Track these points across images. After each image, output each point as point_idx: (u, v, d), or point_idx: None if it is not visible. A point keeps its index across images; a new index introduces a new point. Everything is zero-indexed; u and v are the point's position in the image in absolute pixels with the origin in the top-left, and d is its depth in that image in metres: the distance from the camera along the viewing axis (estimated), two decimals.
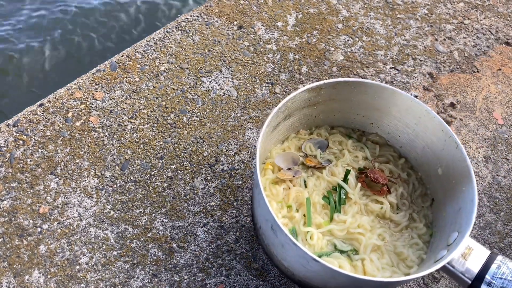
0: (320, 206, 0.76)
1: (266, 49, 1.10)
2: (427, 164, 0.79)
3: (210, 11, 1.15)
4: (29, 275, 0.80)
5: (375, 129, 0.84)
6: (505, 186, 0.95)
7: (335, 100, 0.79)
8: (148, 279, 0.81)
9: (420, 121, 0.76)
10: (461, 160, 0.70)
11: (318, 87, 0.74)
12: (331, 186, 0.78)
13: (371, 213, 0.76)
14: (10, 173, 0.90)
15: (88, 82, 1.02)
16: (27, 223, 0.85)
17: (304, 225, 0.73)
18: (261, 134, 0.68)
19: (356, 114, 0.82)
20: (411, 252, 0.73)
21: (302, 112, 0.79)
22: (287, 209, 0.75)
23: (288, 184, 0.77)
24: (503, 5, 1.24)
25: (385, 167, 0.81)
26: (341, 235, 0.73)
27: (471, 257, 0.64)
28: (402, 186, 0.79)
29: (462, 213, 0.67)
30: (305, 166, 0.80)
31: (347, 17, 1.17)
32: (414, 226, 0.76)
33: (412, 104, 0.75)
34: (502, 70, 1.12)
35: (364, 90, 0.77)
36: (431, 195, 0.80)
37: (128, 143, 0.95)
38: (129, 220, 0.87)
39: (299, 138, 0.83)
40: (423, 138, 0.78)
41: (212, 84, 1.04)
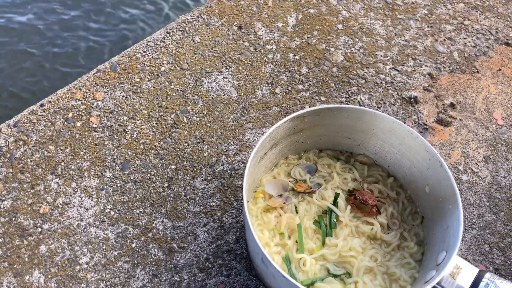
0: (312, 231, 0.77)
1: (266, 50, 1.10)
2: (415, 182, 0.80)
3: (210, 11, 1.15)
4: (29, 275, 0.81)
5: (362, 150, 0.86)
6: (505, 186, 0.95)
7: (320, 125, 0.80)
8: (149, 279, 0.81)
9: (404, 142, 0.77)
10: (446, 178, 0.71)
11: (301, 116, 0.76)
12: (322, 210, 0.79)
13: (362, 234, 0.77)
14: (10, 173, 0.90)
15: (88, 82, 1.02)
16: (28, 223, 0.85)
17: (296, 252, 0.74)
18: (248, 166, 0.69)
19: (342, 137, 0.84)
20: (404, 272, 0.73)
21: (288, 140, 0.80)
22: (280, 237, 0.76)
23: (279, 211, 0.78)
24: (503, 6, 1.24)
25: (374, 187, 0.82)
26: (333, 259, 0.74)
27: (460, 276, 0.65)
28: (391, 206, 0.80)
29: (450, 231, 0.69)
30: (295, 192, 0.81)
31: (347, 18, 1.17)
32: (406, 245, 0.77)
33: (395, 126, 0.76)
34: (502, 70, 1.12)
35: (346, 115, 0.78)
36: (421, 212, 0.81)
37: (129, 143, 0.95)
38: (129, 220, 0.87)
39: (288, 164, 0.84)
40: (408, 158, 0.79)
41: (212, 84, 1.04)
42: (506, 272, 0.85)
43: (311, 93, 1.04)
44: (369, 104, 1.03)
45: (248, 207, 0.77)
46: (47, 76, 2.00)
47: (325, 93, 1.04)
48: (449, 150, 0.99)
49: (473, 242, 0.88)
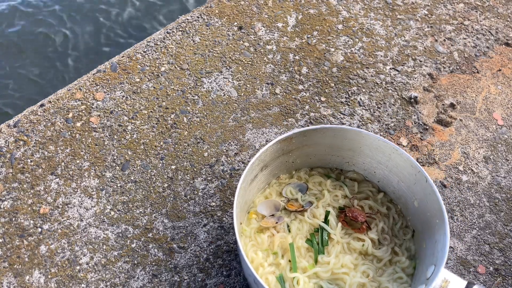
0: (305, 250, 0.78)
1: (266, 50, 1.10)
2: (404, 197, 0.81)
3: (211, 11, 1.15)
4: (29, 275, 0.81)
5: (351, 167, 0.87)
6: (505, 187, 0.95)
7: (308, 145, 0.82)
8: (149, 279, 0.81)
9: (391, 158, 0.79)
10: (432, 193, 0.72)
11: (288, 138, 0.77)
12: (314, 228, 0.80)
13: (354, 251, 0.78)
14: (10, 174, 0.90)
15: (88, 82, 1.02)
16: (28, 223, 0.85)
17: (290, 271, 0.75)
18: (237, 191, 0.70)
19: (331, 155, 0.85)
20: (396, 287, 0.75)
21: (278, 161, 0.82)
22: (273, 257, 0.77)
23: (272, 231, 0.79)
24: (503, 6, 1.24)
25: (365, 203, 0.83)
26: (326, 276, 0.75)
27: None
28: (382, 221, 0.82)
29: (438, 245, 0.70)
30: (287, 211, 0.82)
31: (347, 18, 1.17)
32: (397, 260, 0.78)
33: (380, 143, 0.78)
34: (502, 70, 1.12)
35: (332, 134, 0.80)
36: (412, 227, 0.82)
37: (129, 143, 0.95)
38: (129, 221, 0.87)
39: (279, 183, 0.86)
40: (396, 173, 0.80)
41: (212, 84, 1.04)
42: (506, 272, 0.85)
43: (311, 93, 1.04)
44: (369, 104, 1.03)
45: (242, 228, 0.79)
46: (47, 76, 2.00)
47: (325, 93, 1.04)
48: (449, 150, 0.99)
49: (473, 242, 0.88)
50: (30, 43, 2.08)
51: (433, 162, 0.97)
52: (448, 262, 0.86)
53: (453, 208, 0.92)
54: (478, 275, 0.85)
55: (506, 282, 0.85)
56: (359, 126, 1.00)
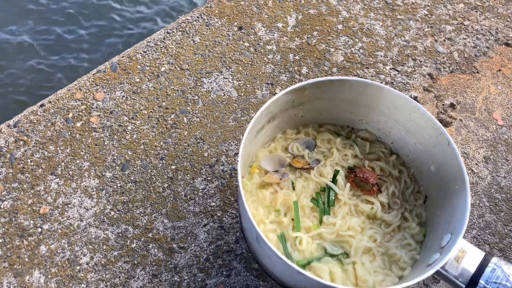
0: (309, 209, 0.74)
1: (266, 50, 1.10)
2: (419, 160, 0.76)
3: (211, 12, 1.15)
4: (29, 276, 0.81)
5: (364, 126, 0.82)
6: (505, 187, 0.95)
7: (321, 99, 0.76)
8: (149, 279, 0.81)
9: (411, 118, 0.74)
10: (453, 157, 0.67)
11: (301, 88, 0.72)
12: (320, 187, 0.76)
13: (362, 214, 0.74)
14: (10, 174, 0.90)
15: (88, 82, 1.02)
16: (28, 223, 0.85)
17: (293, 230, 0.71)
18: (243, 141, 0.65)
19: (344, 112, 0.80)
20: (404, 253, 0.71)
21: (287, 113, 0.77)
22: (275, 214, 0.73)
23: (275, 188, 0.75)
24: (503, 6, 1.24)
25: (376, 164, 0.79)
26: (331, 238, 0.71)
27: (465, 260, 0.62)
28: (393, 184, 0.77)
29: (456, 213, 0.65)
30: (292, 168, 0.77)
31: (347, 18, 1.17)
32: (407, 225, 0.74)
33: (401, 101, 0.73)
34: (502, 71, 1.12)
35: (349, 88, 0.74)
36: (424, 192, 0.77)
37: (129, 143, 0.95)
38: (129, 221, 0.87)
39: (286, 138, 0.81)
40: (414, 135, 0.76)
41: (212, 84, 1.04)
42: None
43: None
44: None
45: (243, 182, 0.74)
46: (47, 76, 2.00)
47: None
48: None
49: (473, 242, 0.88)
50: (30, 43, 2.08)
51: None
52: None
53: None
54: None
55: None
56: None
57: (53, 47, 2.07)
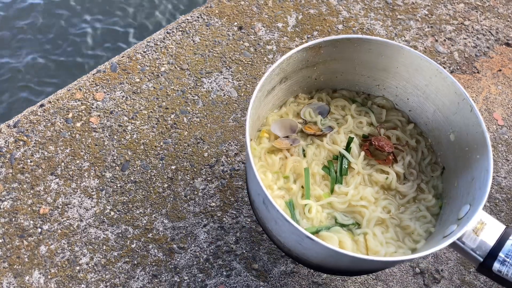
0: (320, 177, 0.70)
1: (267, 50, 1.10)
2: (438, 129, 0.73)
3: (211, 12, 1.15)
4: (29, 276, 0.80)
5: (381, 92, 0.78)
6: (505, 187, 0.95)
7: (337, 60, 0.72)
8: (149, 279, 0.81)
9: (431, 82, 0.70)
10: (476, 125, 0.63)
11: (317, 46, 0.68)
12: (332, 155, 0.72)
13: (376, 184, 0.71)
14: (10, 174, 0.90)
15: (88, 82, 1.02)
16: (28, 223, 0.85)
17: (302, 198, 0.68)
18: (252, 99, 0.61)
19: (360, 75, 0.76)
20: (418, 226, 0.67)
21: (300, 74, 0.72)
22: (284, 180, 0.69)
23: (285, 154, 0.71)
24: (503, 6, 1.24)
25: (392, 133, 0.75)
26: (342, 207, 0.68)
27: (484, 233, 0.58)
28: (410, 154, 0.73)
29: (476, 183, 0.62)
30: (304, 134, 0.74)
31: (347, 18, 1.17)
32: (422, 197, 0.71)
33: (422, 63, 0.68)
34: (502, 71, 1.12)
35: (368, 48, 0.70)
36: (441, 163, 0.74)
37: (129, 143, 0.95)
38: (129, 221, 0.87)
39: (297, 103, 0.77)
40: (434, 101, 0.72)
41: (212, 84, 1.04)
42: None
43: None
44: None
45: (251, 146, 0.70)
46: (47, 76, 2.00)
47: None
48: None
49: None
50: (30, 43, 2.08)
51: None
52: (448, 263, 0.86)
53: None
54: (479, 275, 0.85)
55: None
56: None
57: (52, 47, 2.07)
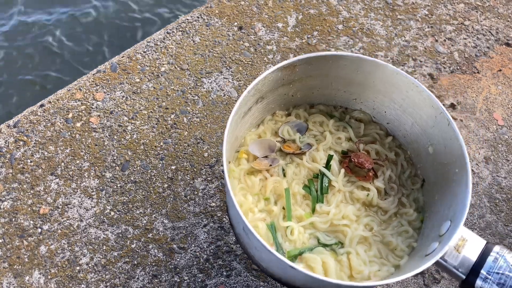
0: (301, 197, 0.69)
1: (267, 50, 1.10)
2: (417, 142, 0.73)
3: (211, 12, 1.15)
4: (29, 276, 0.80)
5: (359, 105, 0.77)
6: (506, 187, 0.95)
7: (313, 76, 0.71)
8: (149, 279, 0.81)
9: (408, 96, 0.69)
10: (454, 138, 0.63)
11: (292, 65, 0.67)
12: (313, 174, 0.71)
13: (357, 201, 0.70)
14: (10, 174, 0.90)
15: (88, 83, 1.02)
16: (28, 223, 0.85)
17: (284, 219, 0.67)
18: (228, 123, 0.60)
19: (337, 90, 0.75)
20: (401, 241, 0.67)
21: (276, 93, 0.72)
22: (265, 202, 0.69)
23: (265, 174, 0.70)
24: (503, 6, 1.24)
25: (371, 147, 0.75)
26: (324, 227, 0.67)
27: (465, 249, 0.58)
28: (390, 168, 0.73)
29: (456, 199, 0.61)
30: (283, 153, 0.73)
31: (348, 18, 1.17)
32: (404, 212, 0.70)
33: (398, 77, 0.68)
34: (503, 71, 1.12)
35: (343, 64, 0.69)
36: (421, 175, 0.73)
37: (129, 143, 0.95)
38: (129, 221, 0.87)
39: (275, 121, 0.76)
40: (411, 114, 0.71)
41: (212, 85, 1.04)
42: None
43: None
44: None
45: (230, 168, 0.69)
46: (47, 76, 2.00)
47: None
48: None
49: None
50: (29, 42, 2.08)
51: None
52: None
53: None
54: None
55: None
56: None
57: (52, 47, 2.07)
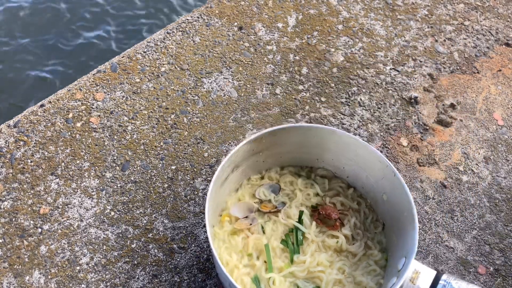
0: (280, 250, 0.78)
1: (267, 50, 1.10)
2: (373, 191, 0.83)
3: (211, 12, 1.15)
4: (29, 276, 0.80)
5: (321, 164, 0.88)
6: (505, 187, 0.95)
7: (278, 145, 0.82)
8: (149, 279, 0.81)
9: (359, 154, 0.80)
10: (400, 187, 0.73)
11: (258, 138, 0.78)
12: (288, 229, 0.81)
13: (329, 248, 0.79)
14: (10, 174, 0.90)
15: (88, 83, 1.02)
16: (28, 223, 0.85)
17: (266, 272, 0.75)
18: (209, 193, 0.70)
19: (301, 153, 0.86)
20: (370, 279, 0.76)
21: (249, 160, 0.82)
22: (248, 258, 0.77)
23: (246, 233, 0.79)
24: (503, 6, 1.24)
25: (336, 200, 0.84)
26: (302, 275, 0.76)
27: (419, 280, 0.68)
28: (354, 216, 0.83)
29: (407, 238, 0.71)
30: (261, 212, 0.82)
31: (347, 18, 1.17)
32: (370, 253, 0.79)
33: (349, 140, 0.79)
34: (502, 71, 1.12)
35: (301, 132, 0.81)
36: (381, 220, 0.83)
37: (129, 143, 0.95)
38: (129, 221, 0.87)
39: (251, 185, 0.86)
40: (364, 168, 0.81)
41: (212, 85, 1.04)
42: (507, 272, 0.85)
43: (311, 93, 1.04)
44: (370, 104, 1.03)
45: (215, 231, 0.79)
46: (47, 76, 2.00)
47: (325, 94, 1.04)
48: (449, 150, 0.99)
49: (474, 242, 0.88)
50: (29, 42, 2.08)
51: (433, 162, 0.97)
52: (448, 263, 0.86)
53: (454, 209, 0.92)
54: (479, 275, 0.85)
55: (506, 282, 0.85)
56: (359, 127, 1.00)
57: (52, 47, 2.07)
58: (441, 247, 0.88)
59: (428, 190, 0.94)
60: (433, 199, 0.93)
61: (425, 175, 0.95)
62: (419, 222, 0.90)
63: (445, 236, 0.89)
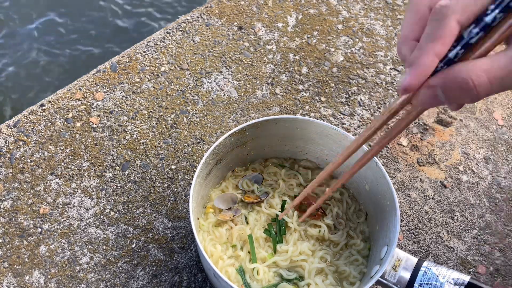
0: (263, 240, 0.79)
1: (266, 50, 1.10)
2: (356, 182, 0.83)
3: (210, 11, 1.15)
4: (29, 276, 0.80)
5: (304, 156, 0.88)
6: (505, 187, 0.95)
7: (261, 137, 0.83)
8: (149, 279, 0.81)
9: (341, 145, 0.81)
10: (381, 177, 0.75)
11: (241, 130, 0.78)
12: (271, 218, 0.81)
13: (311, 237, 0.80)
14: (10, 174, 0.90)
15: (88, 82, 1.02)
16: (28, 223, 0.85)
17: (250, 262, 0.76)
18: (192, 186, 0.71)
19: (284, 145, 0.87)
20: (353, 269, 0.77)
21: (233, 153, 0.82)
22: (232, 249, 0.78)
23: (230, 224, 0.80)
24: None
25: (319, 190, 0.85)
26: (285, 264, 0.76)
27: (401, 268, 0.70)
28: (336, 206, 0.83)
29: (389, 226, 0.72)
30: (244, 203, 0.83)
31: (347, 18, 1.17)
32: (353, 243, 0.80)
33: (330, 131, 0.80)
34: None
35: (284, 124, 0.81)
36: (364, 210, 0.84)
37: (129, 143, 0.95)
38: (129, 221, 0.87)
39: (235, 176, 0.86)
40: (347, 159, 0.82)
41: (212, 84, 1.04)
42: (506, 272, 0.85)
43: (311, 93, 1.04)
44: (369, 104, 1.03)
45: (199, 223, 0.80)
46: (47, 76, 2.00)
47: (325, 94, 1.04)
48: (449, 150, 0.99)
49: (473, 242, 0.88)
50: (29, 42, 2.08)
51: (433, 162, 0.97)
52: (448, 262, 0.86)
53: (453, 208, 0.92)
54: (478, 275, 0.85)
55: (506, 282, 0.85)
56: (359, 126, 1.00)
57: (52, 47, 2.07)
58: (441, 247, 0.88)
59: (428, 190, 0.94)
60: (433, 199, 0.93)
61: (425, 175, 0.95)
62: (419, 222, 0.90)
63: (445, 236, 0.89)
